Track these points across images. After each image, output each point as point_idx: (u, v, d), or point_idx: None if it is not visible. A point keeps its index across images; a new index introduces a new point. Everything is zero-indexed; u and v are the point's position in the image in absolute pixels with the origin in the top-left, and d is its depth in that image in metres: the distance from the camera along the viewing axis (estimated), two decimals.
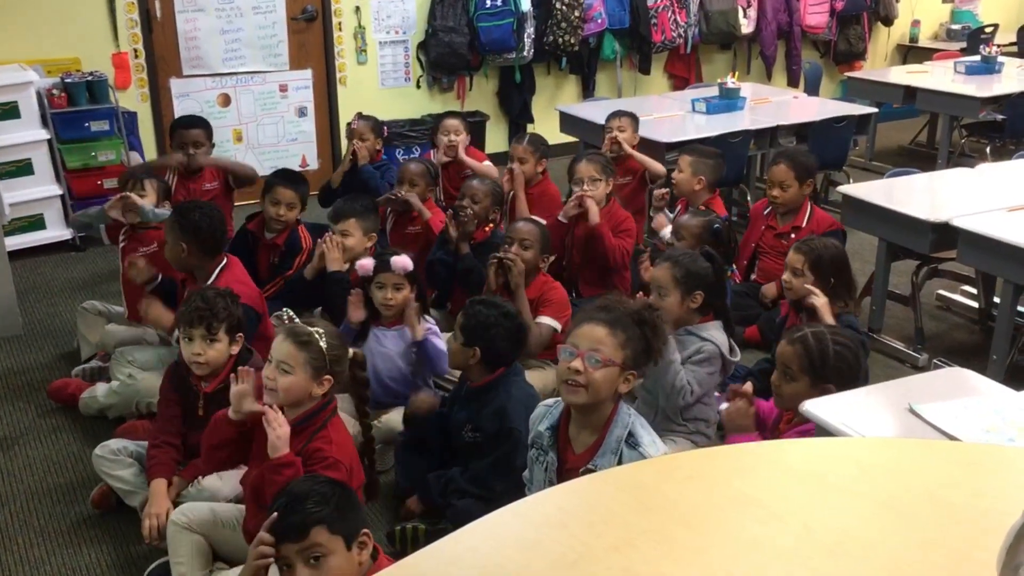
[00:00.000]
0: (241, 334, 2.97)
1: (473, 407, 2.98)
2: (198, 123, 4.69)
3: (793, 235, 4.22)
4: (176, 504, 2.80)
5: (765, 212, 4.46)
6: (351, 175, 4.80)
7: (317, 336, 2.54)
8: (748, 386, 2.88)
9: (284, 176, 4.17)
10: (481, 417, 2.94)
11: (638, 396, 3.26)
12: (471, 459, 2.96)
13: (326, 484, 2.11)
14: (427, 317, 3.45)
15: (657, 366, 2.86)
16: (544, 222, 3.91)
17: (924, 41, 8.76)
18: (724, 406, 3.37)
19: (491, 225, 4.12)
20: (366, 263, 3.39)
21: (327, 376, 2.56)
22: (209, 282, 3.34)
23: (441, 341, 3.38)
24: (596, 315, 2.38)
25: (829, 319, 3.17)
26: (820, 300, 3.26)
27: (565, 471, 2.38)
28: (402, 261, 3.34)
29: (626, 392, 2.38)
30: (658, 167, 4.82)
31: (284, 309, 2.67)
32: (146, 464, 2.94)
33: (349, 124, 5.04)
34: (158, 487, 2.86)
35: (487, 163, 4.98)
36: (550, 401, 2.54)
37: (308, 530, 2.00)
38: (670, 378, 3.01)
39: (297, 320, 2.63)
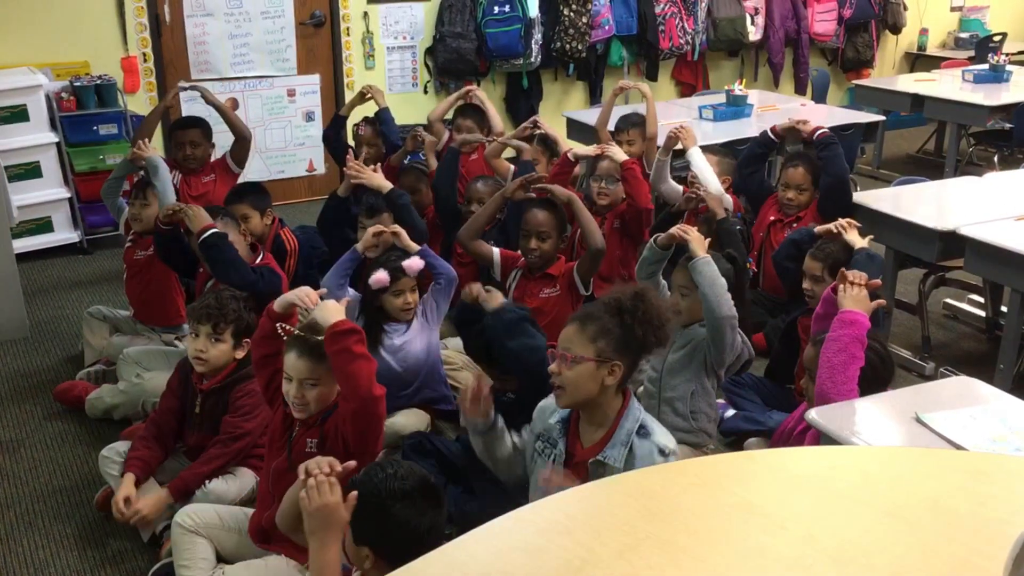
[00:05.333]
0: (248, 339, 2.98)
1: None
2: (196, 123, 4.72)
3: (795, 224, 4.23)
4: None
5: (772, 218, 4.44)
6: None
7: None
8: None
9: (233, 195, 4.10)
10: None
11: (639, 392, 3.25)
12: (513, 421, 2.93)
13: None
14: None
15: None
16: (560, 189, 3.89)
17: (932, 49, 8.75)
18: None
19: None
20: (381, 276, 3.36)
21: None
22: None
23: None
24: (573, 316, 2.44)
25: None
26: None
27: (573, 464, 2.38)
28: (415, 263, 3.37)
29: (614, 384, 2.35)
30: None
31: (278, 324, 2.64)
32: (127, 455, 2.97)
33: (356, 127, 5.05)
34: (128, 479, 2.89)
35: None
36: None
37: None
38: (728, 339, 3.00)
39: (295, 331, 2.59)
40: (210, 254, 3.37)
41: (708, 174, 4.26)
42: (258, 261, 3.64)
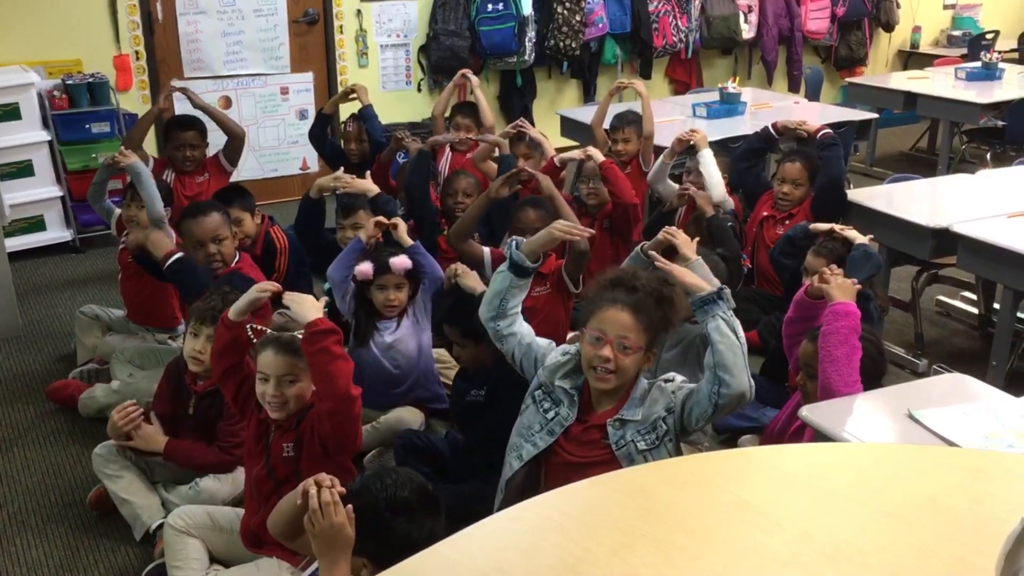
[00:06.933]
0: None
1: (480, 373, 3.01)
2: (193, 124, 4.70)
3: (788, 222, 4.23)
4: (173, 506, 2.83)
5: (764, 214, 4.44)
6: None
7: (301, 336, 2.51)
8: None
9: (220, 200, 4.02)
10: (490, 375, 2.94)
11: None
12: (477, 421, 2.96)
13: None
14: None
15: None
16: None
17: (925, 47, 8.77)
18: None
19: None
20: (365, 267, 3.36)
21: None
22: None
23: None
24: (619, 297, 2.36)
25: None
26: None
27: (581, 429, 2.41)
28: (401, 262, 3.33)
29: (648, 368, 2.44)
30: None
31: (248, 325, 2.62)
32: None
33: (344, 123, 5.06)
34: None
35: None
36: (572, 349, 2.51)
37: None
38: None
39: (267, 330, 2.57)
40: (177, 279, 3.38)
41: (717, 177, 4.28)
42: (233, 265, 3.56)
